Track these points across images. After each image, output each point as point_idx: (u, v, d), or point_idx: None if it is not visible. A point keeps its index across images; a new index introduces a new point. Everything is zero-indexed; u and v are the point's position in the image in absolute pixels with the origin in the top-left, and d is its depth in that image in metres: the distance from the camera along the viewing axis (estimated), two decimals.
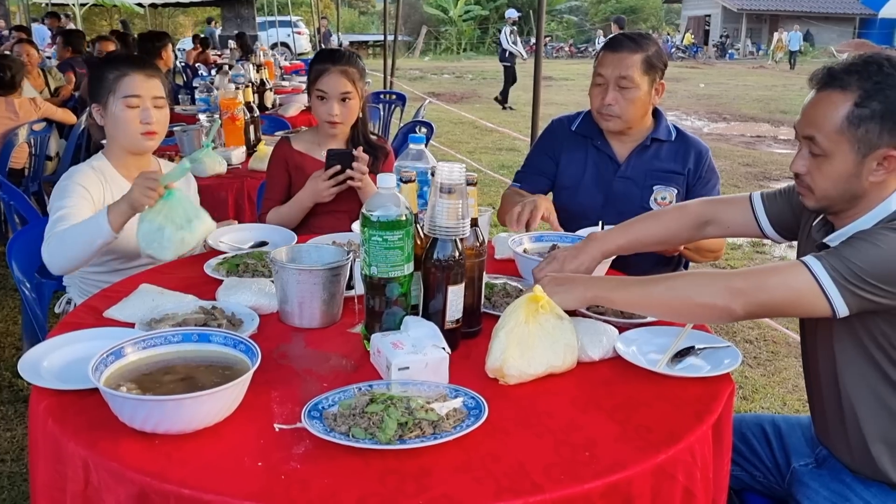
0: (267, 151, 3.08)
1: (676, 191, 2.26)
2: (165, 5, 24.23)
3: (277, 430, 1.14)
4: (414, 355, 1.27)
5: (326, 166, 2.29)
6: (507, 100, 13.45)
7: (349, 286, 1.62)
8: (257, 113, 3.71)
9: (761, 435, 1.69)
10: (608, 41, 2.25)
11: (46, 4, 19.26)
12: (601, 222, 2.07)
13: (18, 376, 3.05)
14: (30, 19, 17.34)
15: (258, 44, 10.57)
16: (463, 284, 1.42)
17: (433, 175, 1.43)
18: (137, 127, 2.02)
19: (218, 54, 11.25)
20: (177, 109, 4.90)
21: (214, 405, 1.13)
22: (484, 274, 1.52)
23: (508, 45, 13.37)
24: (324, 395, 1.20)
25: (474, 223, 1.46)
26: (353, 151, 2.30)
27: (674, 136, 2.30)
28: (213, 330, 1.32)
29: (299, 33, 25.23)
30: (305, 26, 26.65)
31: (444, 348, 1.30)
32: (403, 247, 1.35)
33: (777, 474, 1.65)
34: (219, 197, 2.96)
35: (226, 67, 5.33)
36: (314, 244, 1.80)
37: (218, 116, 3.61)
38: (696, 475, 1.16)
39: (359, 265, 1.43)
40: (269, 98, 5.16)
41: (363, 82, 2.45)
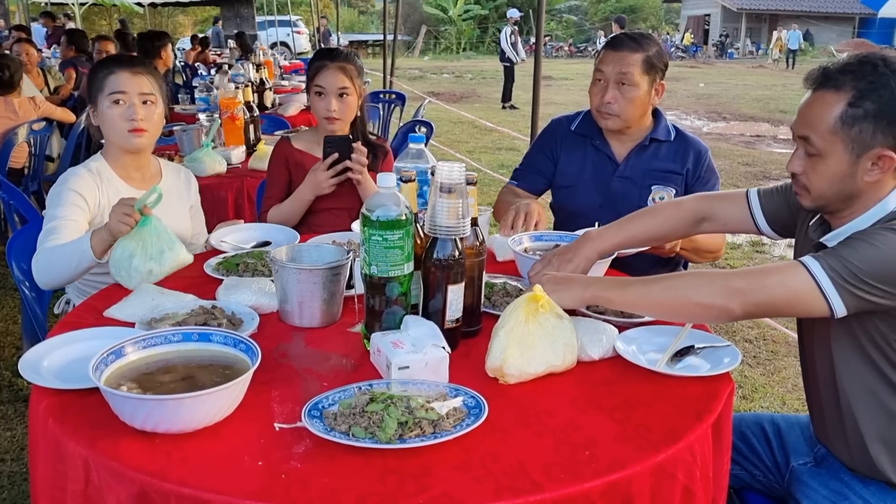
0: (267, 151, 3.09)
1: (675, 191, 2.26)
2: (165, 5, 24.19)
3: (277, 430, 1.14)
4: (414, 354, 1.27)
5: (324, 154, 2.31)
6: (509, 98, 13.45)
7: (349, 285, 1.62)
8: (257, 112, 3.72)
9: (761, 434, 1.70)
10: (609, 40, 2.26)
11: (46, 4, 19.25)
12: (597, 224, 2.06)
13: (18, 376, 3.06)
14: (29, 19, 17.32)
15: (258, 43, 10.57)
16: (463, 284, 1.42)
17: (433, 174, 1.43)
18: (123, 124, 2.02)
19: (218, 54, 11.24)
20: (176, 109, 4.90)
21: (215, 404, 1.13)
22: (484, 273, 1.52)
23: (507, 47, 13.37)
24: (324, 395, 1.20)
25: (474, 223, 1.46)
26: (350, 137, 2.33)
27: (673, 136, 2.30)
28: (214, 329, 1.32)
29: (299, 33, 25.23)
30: (305, 26, 26.66)
31: (444, 348, 1.30)
32: (403, 246, 1.35)
33: (776, 473, 1.66)
34: (219, 196, 2.96)
35: (225, 67, 5.34)
36: (314, 243, 1.81)
37: (218, 116, 3.61)
38: (696, 474, 1.17)
39: (359, 264, 1.44)
40: (269, 97, 5.16)
41: (361, 80, 2.47)
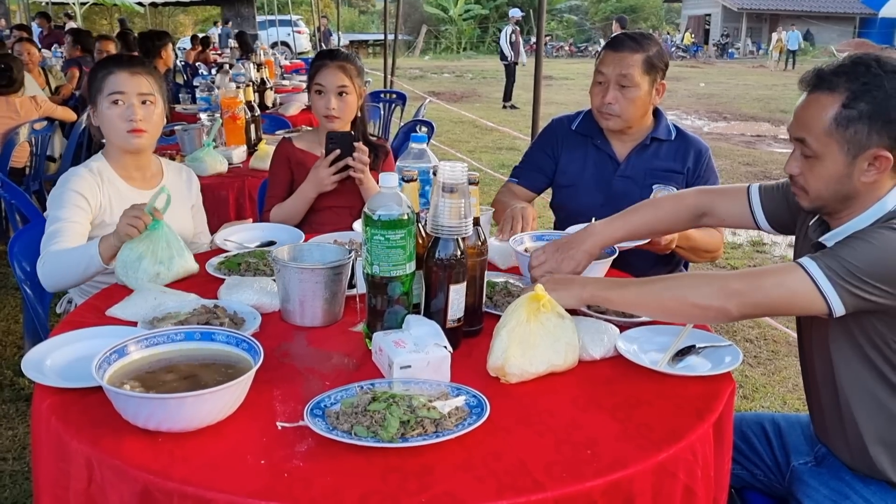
0: (268, 150, 3.09)
1: (676, 190, 2.26)
2: (165, 4, 24.23)
3: (280, 429, 1.14)
4: (416, 354, 1.28)
5: (326, 150, 2.33)
6: (509, 98, 13.45)
7: (351, 285, 1.62)
8: (258, 112, 3.72)
9: (761, 433, 1.70)
10: (610, 40, 2.26)
11: (47, 4, 19.26)
12: (594, 219, 2.07)
13: (20, 375, 3.08)
14: (30, 18, 17.32)
15: (258, 43, 10.57)
16: (464, 283, 1.42)
17: (435, 174, 1.43)
18: (123, 124, 2.02)
19: (218, 53, 11.24)
20: (177, 108, 4.90)
21: (217, 403, 1.13)
22: (485, 273, 1.52)
23: (506, 47, 13.36)
24: (326, 394, 1.20)
25: (476, 222, 1.47)
26: (352, 133, 2.35)
27: (674, 136, 2.30)
28: (216, 328, 1.33)
29: (299, 32, 25.22)
30: (305, 25, 26.65)
31: (446, 347, 1.30)
32: (405, 246, 1.36)
33: (777, 473, 1.66)
34: (220, 196, 2.96)
35: (226, 66, 5.33)
36: (316, 243, 1.81)
37: (219, 115, 3.61)
38: (697, 473, 1.17)
39: (360, 264, 1.44)
40: (270, 97, 5.16)
41: (361, 80, 2.49)
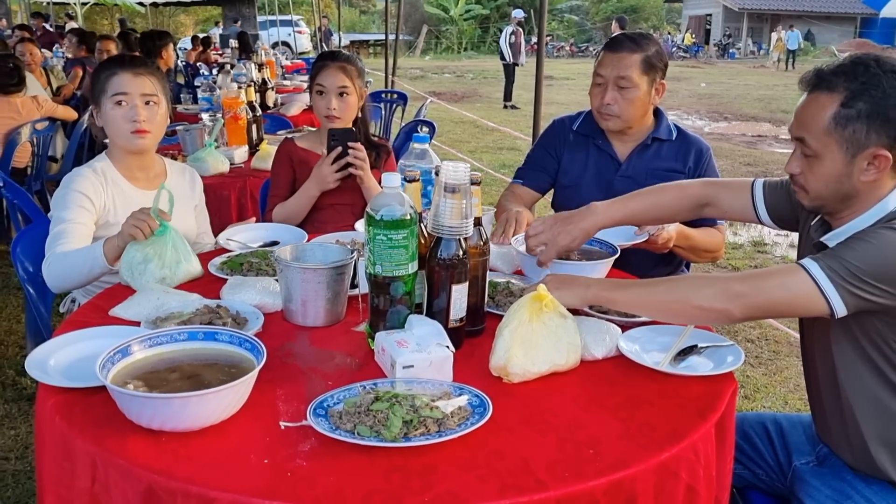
0: (269, 150, 3.10)
1: None
2: (166, 4, 24.24)
3: (283, 428, 1.15)
4: (418, 354, 1.28)
5: (328, 147, 2.34)
6: (509, 98, 13.45)
7: (353, 285, 1.62)
8: (260, 112, 3.72)
9: (763, 433, 1.70)
10: (608, 41, 2.27)
11: (48, 4, 19.27)
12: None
13: (22, 375, 3.08)
14: (31, 18, 17.33)
15: (259, 43, 10.57)
16: (467, 283, 1.42)
17: (437, 174, 1.43)
18: (126, 125, 2.03)
19: (219, 53, 11.24)
20: (179, 108, 4.90)
21: (220, 403, 1.13)
22: (487, 273, 1.52)
23: (505, 48, 13.37)
24: (329, 393, 1.21)
25: (478, 222, 1.47)
26: (354, 130, 2.37)
27: (675, 136, 2.31)
28: (219, 328, 1.33)
29: (300, 32, 25.22)
30: (306, 25, 26.66)
31: (448, 347, 1.30)
32: (408, 246, 1.36)
33: (779, 472, 1.66)
34: (221, 196, 2.97)
35: (227, 67, 5.34)
36: (318, 243, 1.81)
37: (221, 115, 3.62)
38: (700, 473, 1.17)
39: (363, 264, 1.44)
40: (271, 97, 5.16)
41: (362, 81, 2.52)
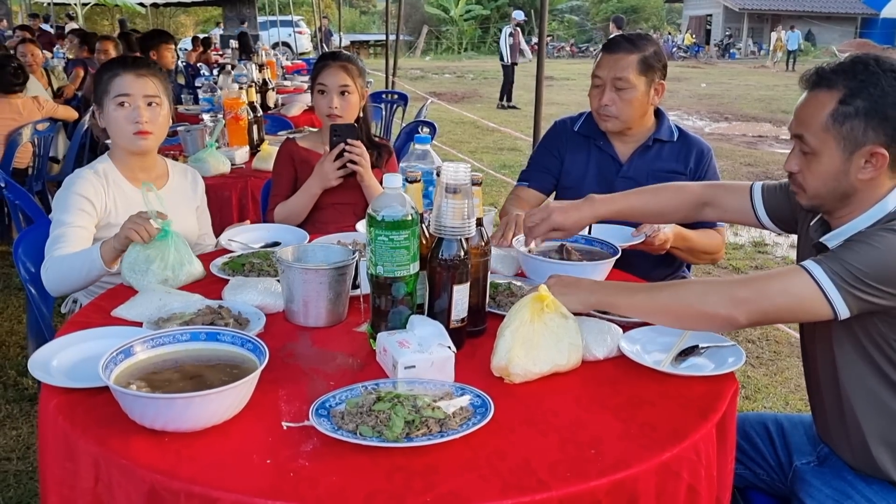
0: (270, 151, 3.10)
1: None
2: (167, 5, 24.25)
3: (285, 428, 1.15)
4: (420, 354, 1.28)
5: (331, 143, 2.35)
6: (505, 98, 13.46)
7: (355, 285, 1.63)
8: (261, 113, 3.73)
9: (764, 433, 1.70)
10: (606, 43, 2.27)
11: (48, 4, 19.28)
12: (590, 226, 2.08)
13: (24, 375, 3.08)
14: (28, 19, 17.34)
15: (260, 43, 10.57)
16: (468, 284, 1.42)
17: (438, 175, 1.44)
18: (128, 126, 2.03)
19: (220, 54, 11.26)
20: (180, 109, 4.91)
21: (223, 403, 1.14)
22: (489, 273, 1.53)
23: (504, 48, 13.40)
24: (331, 394, 1.21)
25: (479, 223, 1.47)
26: (356, 126, 2.38)
27: (676, 137, 2.31)
28: (222, 329, 1.33)
29: (300, 33, 25.23)
30: (307, 26, 26.67)
31: (450, 347, 1.31)
32: (409, 246, 1.36)
33: (780, 472, 1.66)
34: (222, 196, 2.97)
35: (228, 67, 5.34)
36: (320, 244, 1.82)
37: (222, 116, 3.62)
38: (701, 473, 1.17)
39: (364, 265, 1.44)
40: (272, 98, 5.17)
41: (363, 80, 2.53)
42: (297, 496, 1.00)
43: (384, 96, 6.96)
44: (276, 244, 2.08)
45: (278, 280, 1.63)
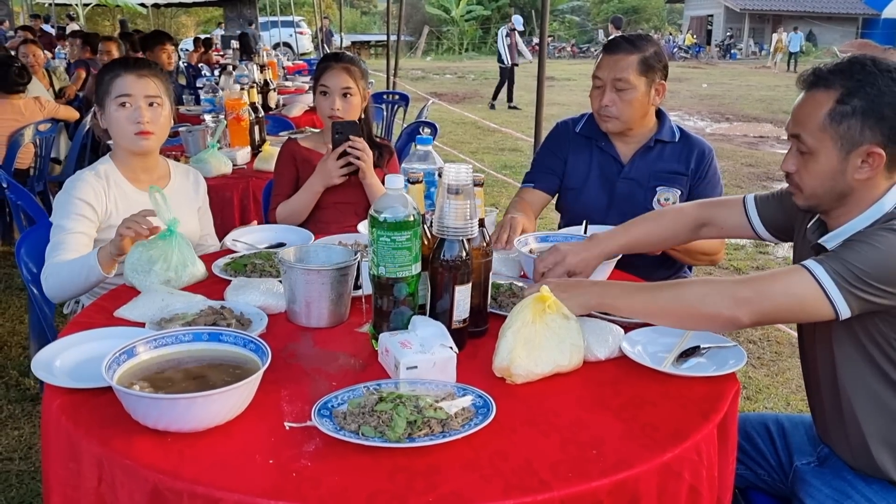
0: (272, 152, 3.11)
1: (679, 192, 2.27)
2: (168, 5, 24.28)
3: (288, 429, 1.15)
4: (422, 354, 1.28)
5: (333, 141, 2.35)
6: (509, 98, 13.47)
7: (357, 286, 1.63)
8: (262, 113, 3.73)
9: (765, 434, 1.71)
10: (606, 44, 2.27)
11: (49, 5, 19.30)
12: (585, 222, 2.08)
13: (26, 375, 3.09)
14: (28, 20, 17.37)
15: (261, 44, 10.59)
16: (470, 284, 1.43)
17: (440, 176, 1.44)
18: (130, 127, 2.03)
19: (221, 55, 11.27)
20: (181, 110, 4.92)
21: (226, 403, 1.14)
22: (490, 274, 1.53)
23: (502, 49, 13.43)
24: (333, 394, 1.21)
25: (481, 224, 1.47)
26: (357, 122, 2.38)
27: (677, 137, 2.31)
28: (224, 329, 1.34)
29: (301, 33, 25.25)
30: (308, 26, 26.68)
31: (452, 348, 1.31)
32: (411, 247, 1.37)
33: (781, 473, 1.67)
34: (224, 197, 2.97)
35: (230, 68, 5.35)
36: (322, 244, 1.82)
37: (223, 117, 3.63)
38: (702, 474, 1.18)
39: (366, 265, 1.45)
40: (273, 98, 5.17)
41: (365, 82, 2.53)
42: (300, 496, 1.01)
43: (385, 97, 6.97)
44: (281, 245, 2.08)
45: (280, 281, 1.64)
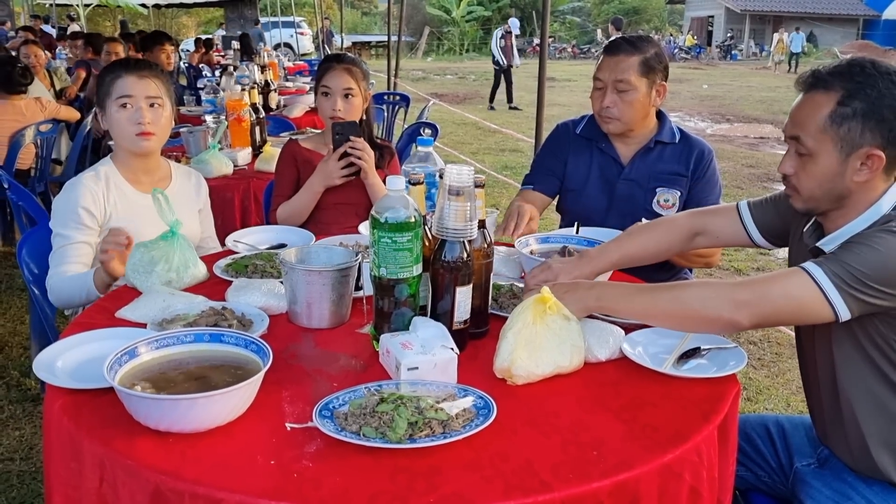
0: (273, 152, 3.11)
1: (679, 193, 2.27)
2: (169, 6, 24.30)
3: (289, 429, 1.15)
4: (423, 356, 1.29)
5: (335, 143, 2.36)
6: (504, 100, 13.49)
7: (358, 287, 1.63)
8: (263, 114, 3.73)
9: (765, 435, 1.71)
10: (607, 45, 2.28)
11: (50, 6, 19.32)
12: (577, 224, 2.08)
13: (27, 376, 3.09)
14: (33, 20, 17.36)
15: (261, 45, 10.59)
16: (471, 285, 1.43)
17: (441, 177, 1.44)
18: (131, 128, 2.04)
19: (222, 55, 11.28)
20: (182, 110, 4.92)
21: (227, 404, 1.14)
22: (491, 275, 1.53)
23: (496, 51, 13.47)
24: (334, 395, 1.21)
25: (482, 225, 1.48)
26: (357, 123, 2.38)
27: (678, 139, 2.31)
28: (225, 330, 1.34)
29: (302, 34, 25.26)
30: (308, 27, 26.70)
31: (453, 349, 1.31)
32: (412, 248, 1.37)
33: (781, 474, 1.67)
34: (225, 198, 2.98)
35: (231, 68, 5.35)
36: (323, 245, 1.82)
37: (224, 117, 3.63)
38: (703, 475, 1.18)
39: (367, 266, 1.45)
40: (274, 99, 5.18)
41: (366, 84, 2.54)
42: (301, 497, 1.01)
43: (386, 97, 6.98)
44: (282, 246, 2.08)
45: (281, 282, 1.64)
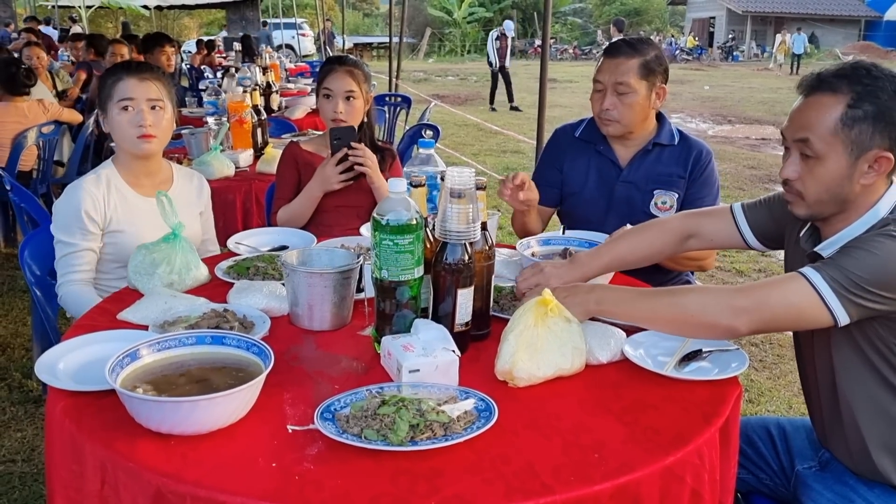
0: (274, 154, 3.11)
1: (677, 195, 2.26)
2: (171, 7, 24.33)
3: (290, 432, 1.15)
4: (424, 358, 1.29)
5: (332, 148, 2.36)
6: (511, 100, 13.51)
7: (359, 289, 1.63)
8: (264, 115, 3.74)
9: (767, 438, 1.71)
10: (607, 47, 2.27)
11: (52, 7, 19.35)
12: (563, 227, 2.08)
13: (28, 377, 3.09)
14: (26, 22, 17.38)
15: (263, 46, 10.60)
16: (472, 288, 1.43)
17: (443, 179, 1.44)
18: (132, 130, 2.04)
19: (223, 57, 11.30)
20: (184, 112, 4.93)
21: (229, 406, 1.14)
22: (493, 277, 1.53)
23: (491, 52, 13.49)
24: (336, 397, 1.22)
25: (483, 227, 1.48)
26: (355, 128, 2.39)
27: (677, 140, 2.30)
28: (227, 332, 1.34)
29: (304, 35, 25.28)
30: (310, 28, 26.73)
31: (454, 351, 1.31)
32: (414, 250, 1.37)
33: (782, 477, 1.66)
34: (227, 199, 2.98)
35: (232, 70, 5.36)
36: (325, 247, 1.82)
37: (226, 119, 3.63)
38: (704, 477, 1.18)
39: (369, 268, 1.45)
40: (275, 101, 5.18)
41: (368, 86, 2.54)
42: (302, 499, 1.01)
43: (388, 99, 6.98)
44: (284, 248, 2.08)
45: (283, 284, 1.64)
